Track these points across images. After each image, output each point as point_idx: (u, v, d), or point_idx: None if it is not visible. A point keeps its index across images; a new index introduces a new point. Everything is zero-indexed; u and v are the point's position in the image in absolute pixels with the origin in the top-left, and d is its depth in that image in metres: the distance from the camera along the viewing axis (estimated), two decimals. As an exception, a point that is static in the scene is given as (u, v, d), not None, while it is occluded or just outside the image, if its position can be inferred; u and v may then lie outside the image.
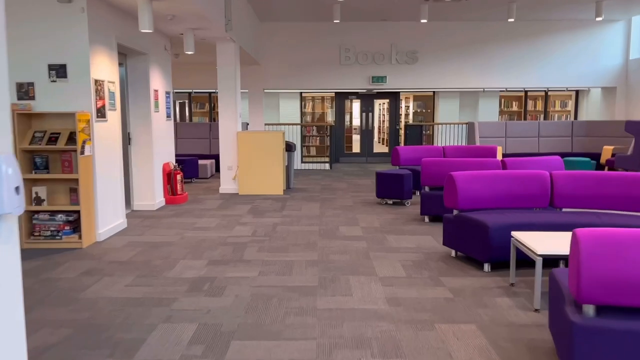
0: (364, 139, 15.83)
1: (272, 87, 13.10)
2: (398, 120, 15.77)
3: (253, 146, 9.17)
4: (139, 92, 7.64)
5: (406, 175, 8.05)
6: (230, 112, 9.35)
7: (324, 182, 10.97)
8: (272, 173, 9.22)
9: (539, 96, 16.08)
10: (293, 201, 8.60)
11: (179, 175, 8.40)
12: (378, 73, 13.00)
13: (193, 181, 10.98)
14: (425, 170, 6.92)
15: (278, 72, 12.97)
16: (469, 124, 13.54)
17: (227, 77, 9.28)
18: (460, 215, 5.11)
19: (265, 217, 7.28)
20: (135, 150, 7.73)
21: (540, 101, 16.17)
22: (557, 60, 13.05)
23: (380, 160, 15.73)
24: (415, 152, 9.63)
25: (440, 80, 13.08)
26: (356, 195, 9.27)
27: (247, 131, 9.35)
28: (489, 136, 13.13)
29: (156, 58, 7.96)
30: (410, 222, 6.97)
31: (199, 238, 6.10)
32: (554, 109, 16.18)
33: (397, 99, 15.63)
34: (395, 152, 9.50)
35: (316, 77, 13.00)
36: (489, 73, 13.09)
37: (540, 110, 16.19)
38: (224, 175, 9.52)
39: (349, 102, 16.20)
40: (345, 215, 7.40)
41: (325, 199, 8.86)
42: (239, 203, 8.42)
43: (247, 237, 6.16)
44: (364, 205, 8.19)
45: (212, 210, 7.83)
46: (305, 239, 6.06)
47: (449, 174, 5.27)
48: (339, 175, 12.24)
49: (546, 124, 13.27)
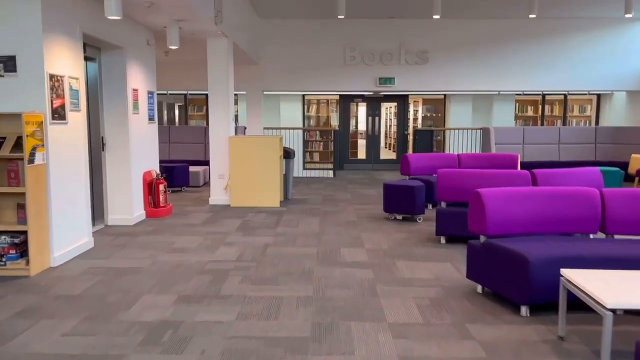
0: (370, 145, 14.83)
1: (272, 88, 12.12)
2: (406, 125, 14.76)
3: (247, 153, 8.19)
4: (115, 91, 6.68)
5: (418, 188, 7.03)
6: (221, 114, 8.38)
7: (326, 192, 9.97)
8: (267, 183, 8.23)
9: (556, 100, 15.03)
10: (290, 215, 7.60)
11: (162, 185, 7.43)
12: (386, 74, 12.01)
13: (183, 190, 10.01)
14: (441, 183, 5.90)
15: (278, 73, 12.01)
16: (483, 130, 12.50)
17: (219, 76, 8.31)
18: (490, 243, 4.09)
19: (256, 236, 6.28)
20: (110, 157, 6.76)
21: (557, 106, 15.13)
22: (578, 62, 12.00)
23: (387, 167, 14.71)
24: (427, 161, 8.61)
25: (453, 82, 12.06)
26: (361, 208, 8.26)
27: (241, 136, 8.37)
28: (505, 142, 12.09)
29: (136, 53, 7.01)
30: (424, 243, 5.95)
31: (173, 263, 5.11)
32: (571, 114, 15.13)
33: (406, 102, 14.62)
34: (405, 161, 8.49)
35: (319, 78, 12.03)
36: (505, 75, 12.06)
37: (557, 115, 15.14)
38: (215, 184, 8.53)
39: (355, 106, 15.21)
40: (348, 234, 6.39)
41: (326, 212, 7.85)
42: (228, 217, 7.42)
43: (231, 262, 5.16)
44: (370, 221, 7.17)
45: (196, 225, 6.85)
46: (299, 265, 5.05)
47: (476, 192, 4.26)
48: (343, 184, 11.23)
49: (567, 129, 12.21)
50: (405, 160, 8.49)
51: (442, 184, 5.91)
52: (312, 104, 15.62)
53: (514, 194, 4.24)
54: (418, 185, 7.05)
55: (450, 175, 5.90)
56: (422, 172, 8.55)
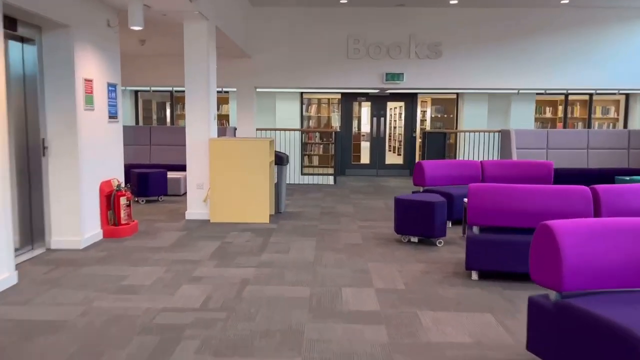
0: (375, 148, 13.42)
1: (266, 85, 10.72)
2: (414, 127, 13.34)
3: (230, 158, 6.79)
4: (60, 82, 5.28)
5: (438, 205, 5.60)
6: (200, 112, 6.97)
7: (325, 204, 8.55)
8: (255, 194, 6.82)
9: (578, 101, 13.61)
10: (280, 235, 6.18)
11: (124, 197, 6.02)
12: (393, 69, 10.59)
13: (160, 200, 8.60)
14: (474, 201, 4.48)
15: (273, 68, 10.60)
16: (502, 132, 11.07)
17: (197, 67, 6.91)
18: (569, 305, 2.67)
19: (234, 266, 4.87)
20: (54, 164, 5.36)
21: (578, 107, 13.71)
22: (607, 58, 10.55)
23: (393, 173, 13.29)
24: (445, 169, 7.19)
25: (469, 79, 10.63)
26: (366, 225, 6.84)
27: (223, 138, 6.96)
28: (526, 147, 10.67)
29: (90, 35, 5.60)
30: (451, 280, 4.53)
31: (112, 313, 3.69)
32: (594, 116, 13.71)
33: (414, 101, 13.20)
34: (419, 169, 7.07)
35: (319, 73, 10.62)
36: (526, 71, 10.62)
37: (578, 117, 13.73)
38: (192, 196, 7.12)
39: (358, 105, 13.80)
40: (351, 265, 4.97)
41: (324, 231, 6.44)
42: (204, 237, 6.01)
43: (192, 311, 3.75)
44: (379, 245, 5.76)
45: (162, 250, 5.43)
46: (285, 317, 3.64)
47: (544, 226, 2.84)
48: (344, 194, 9.81)
49: (596, 133, 10.78)
50: (419, 169, 7.07)
51: (474, 203, 4.49)
52: (311, 103, 14.22)
53: (603, 228, 2.82)
54: (439, 201, 5.62)
55: (485, 191, 4.48)
56: (439, 182, 7.13)
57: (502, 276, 4.56)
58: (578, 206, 4.37)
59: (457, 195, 6.71)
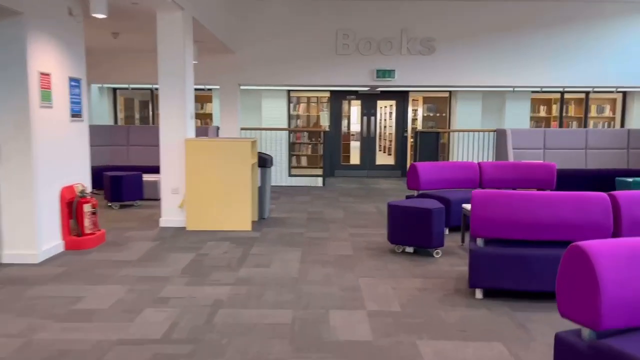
0: (365, 149, 12.87)
1: (250, 82, 10.12)
2: (406, 126, 12.81)
3: (208, 160, 6.19)
4: (10, 76, 4.66)
5: (436, 212, 5.06)
6: (175, 111, 6.37)
7: (312, 208, 7.98)
8: (235, 200, 6.23)
9: (572, 99, 13.20)
10: (262, 245, 5.60)
11: (88, 204, 5.41)
12: (384, 66, 10.05)
13: (136, 205, 7.98)
14: (478, 210, 3.94)
15: (257, 64, 10.00)
16: (498, 132, 10.58)
17: (172, 61, 6.30)
18: (607, 347, 2.13)
19: (208, 284, 4.28)
20: (6, 168, 4.74)
21: (573, 105, 13.30)
22: (606, 53, 10.09)
23: (384, 174, 12.76)
24: (440, 172, 6.66)
25: (463, 76, 10.11)
26: (357, 233, 6.28)
27: (201, 139, 6.36)
28: (523, 147, 10.18)
29: (47, 24, 4.98)
30: (453, 298, 3.98)
31: (55, 348, 3.09)
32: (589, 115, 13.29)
33: (406, 99, 12.68)
34: (414, 172, 6.53)
35: (306, 70, 10.05)
36: (522, 68, 10.13)
37: (573, 116, 13.32)
38: (167, 201, 6.52)
39: (347, 104, 13.26)
40: (340, 281, 4.41)
41: (311, 240, 5.87)
42: (178, 249, 5.42)
43: (152, 344, 3.16)
44: (371, 256, 5.20)
45: (129, 264, 4.83)
46: (262, 351, 3.06)
47: (576, 248, 2.29)
48: (334, 197, 9.25)
49: (595, 132, 10.32)
50: (413, 172, 6.53)
51: (479, 212, 3.94)
52: (299, 102, 13.65)
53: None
54: (436, 208, 5.08)
55: (491, 199, 3.94)
56: (434, 185, 6.60)
57: (510, 295, 4.03)
58: (596, 216, 3.84)
59: (455, 201, 6.18)
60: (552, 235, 3.85)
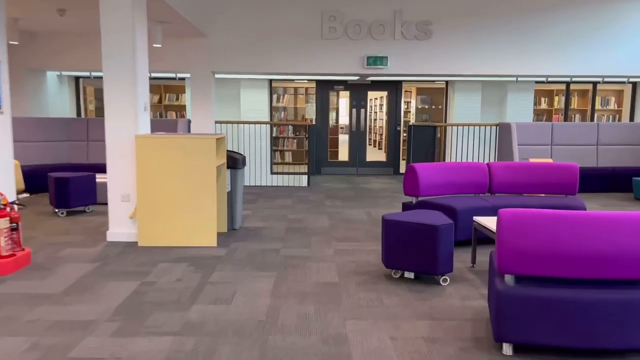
0: (354, 144, 11.77)
1: (226, 69, 8.95)
2: (399, 120, 11.72)
3: (164, 161, 5.05)
4: None
5: (444, 229, 3.98)
6: (123, 102, 5.21)
7: (294, 215, 6.87)
8: (197, 209, 5.11)
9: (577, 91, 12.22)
10: (227, 268, 4.49)
11: (4, 219, 4.25)
12: (376, 52, 8.94)
13: (88, 211, 6.81)
14: (509, 236, 2.85)
15: (234, 49, 8.84)
16: (501, 126, 9.53)
17: (118, 43, 5.14)
18: None
19: (142, 333, 3.17)
20: None
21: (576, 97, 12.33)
22: (617, 40, 9.06)
23: (375, 171, 11.67)
24: (443, 174, 5.58)
25: (463, 64, 9.03)
26: (345, 248, 5.19)
27: (156, 135, 5.21)
28: (528, 143, 9.16)
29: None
30: (472, 355, 2.91)
31: None
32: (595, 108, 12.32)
33: (399, 90, 11.58)
34: (412, 175, 5.44)
35: (289, 57, 8.90)
36: (527, 56, 9.07)
37: (576, 108, 12.34)
38: (116, 210, 5.37)
39: (335, 95, 12.13)
40: (321, 327, 3.32)
41: (288, 260, 4.77)
42: (120, 275, 4.29)
43: None
44: (361, 285, 4.11)
45: (48, 299, 3.70)
46: None
47: None
48: (319, 199, 8.15)
49: (608, 127, 9.32)
50: (411, 175, 5.44)
51: (508, 239, 2.86)
52: (282, 93, 12.51)
53: None
54: (444, 224, 3.99)
55: (526, 221, 2.85)
56: (436, 191, 5.52)
57: (551, 352, 2.97)
58: (670, 245, 2.78)
59: (462, 210, 5.10)
60: (613, 271, 2.79)
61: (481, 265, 4.62)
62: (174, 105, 12.10)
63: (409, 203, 5.50)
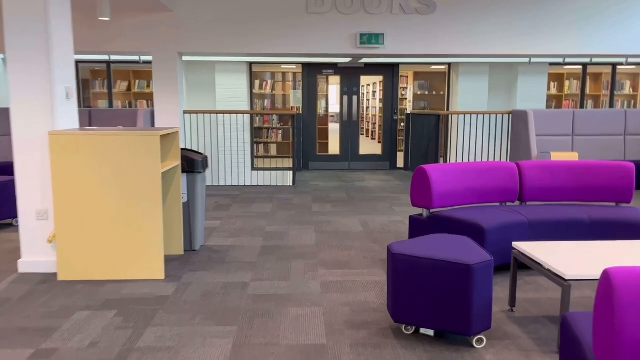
0: (346, 135, 10.44)
1: (195, 50, 7.56)
2: (396, 107, 10.41)
3: (92, 166, 3.71)
4: None
5: (480, 269, 2.68)
6: (34, 88, 3.84)
7: (273, 226, 5.55)
8: (139, 228, 3.77)
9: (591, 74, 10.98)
10: (169, 321, 3.17)
11: None
12: (370, 29, 7.59)
13: (15, 224, 5.45)
14: (630, 316, 1.57)
15: (205, 26, 7.45)
16: (514, 114, 8.24)
17: (24, 13, 3.75)
18: None
19: None
20: None
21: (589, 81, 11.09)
22: None
23: (369, 166, 10.37)
24: (461, 178, 4.29)
25: (471, 41, 7.72)
26: (335, 281, 3.89)
27: (78, 131, 3.83)
28: (545, 133, 7.89)
29: None
30: None
31: None
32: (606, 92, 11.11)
33: (396, 74, 10.25)
34: (422, 180, 4.12)
35: (269, 35, 7.53)
36: (542, 32, 7.77)
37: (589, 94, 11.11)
38: (29, 231, 4.02)
39: (325, 81, 10.78)
40: None
41: (257, 302, 3.46)
42: (15, 333, 2.95)
43: None
44: (358, 346, 2.82)
45: None
46: None
47: None
48: (305, 203, 6.84)
49: (637, 114, 8.07)
50: (421, 179, 4.13)
51: (631, 319, 1.57)
52: (268, 79, 11.14)
53: None
54: (480, 262, 2.69)
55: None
56: (454, 200, 4.23)
57: None
58: None
59: (492, 229, 3.81)
60: None
61: (523, 308, 3.35)
62: (144, 93, 10.69)
63: (418, 217, 4.21)
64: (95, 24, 7.30)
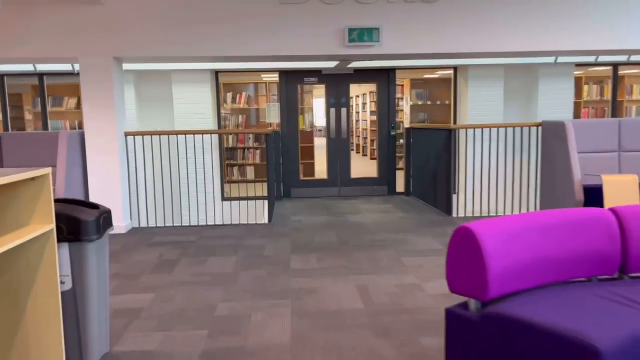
0: (335, 154, 8.65)
1: (136, 54, 5.76)
2: (393, 121, 8.65)
3: None
4: None
5: None
6: None
7: (228, 304, 3.71)
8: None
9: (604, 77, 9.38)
10: None
11: None
12: (362, 22, 5.87)
13: None
14: None
15: (148, 24, 5.68)
16: (545, 126, 6.50)
17: None
18: None
19: None
20: None
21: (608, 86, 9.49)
22: None
23: (363, 191, 8.57)
24: (533, 244, 2.46)
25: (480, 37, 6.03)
26: None
27: None
28: (586, 150, 6.16)
29: None
30: None
31: None
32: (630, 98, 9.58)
33: (392, 80, 8.52)
34: (468, 249, 2.29)
35: (235, 33, 5.79)
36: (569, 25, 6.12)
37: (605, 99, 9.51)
38: None
39: (309, 92, 9.05)
40: None
41: None
42: None
43: None
44: None
45: None
46: None
47: None
48: (281, 255, 5.00)
49: (698, 122, 6.37)
50: (466, 248, 2.31)
51: None
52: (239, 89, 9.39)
53: None
54: None
55: None
56: (523, 282, 2.41)
57: None
58: None
59: (611, 352, 2.00)
60: None
61: None
62: (63, 111, 8.81)
63: (461, 313, 2.39)
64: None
